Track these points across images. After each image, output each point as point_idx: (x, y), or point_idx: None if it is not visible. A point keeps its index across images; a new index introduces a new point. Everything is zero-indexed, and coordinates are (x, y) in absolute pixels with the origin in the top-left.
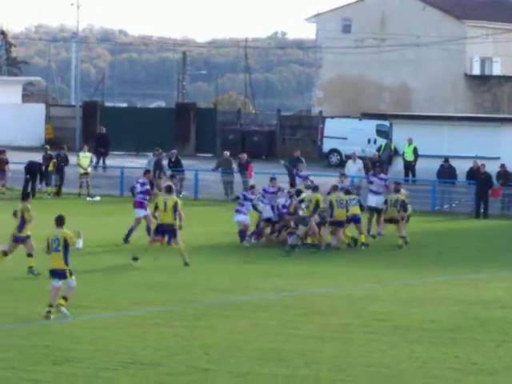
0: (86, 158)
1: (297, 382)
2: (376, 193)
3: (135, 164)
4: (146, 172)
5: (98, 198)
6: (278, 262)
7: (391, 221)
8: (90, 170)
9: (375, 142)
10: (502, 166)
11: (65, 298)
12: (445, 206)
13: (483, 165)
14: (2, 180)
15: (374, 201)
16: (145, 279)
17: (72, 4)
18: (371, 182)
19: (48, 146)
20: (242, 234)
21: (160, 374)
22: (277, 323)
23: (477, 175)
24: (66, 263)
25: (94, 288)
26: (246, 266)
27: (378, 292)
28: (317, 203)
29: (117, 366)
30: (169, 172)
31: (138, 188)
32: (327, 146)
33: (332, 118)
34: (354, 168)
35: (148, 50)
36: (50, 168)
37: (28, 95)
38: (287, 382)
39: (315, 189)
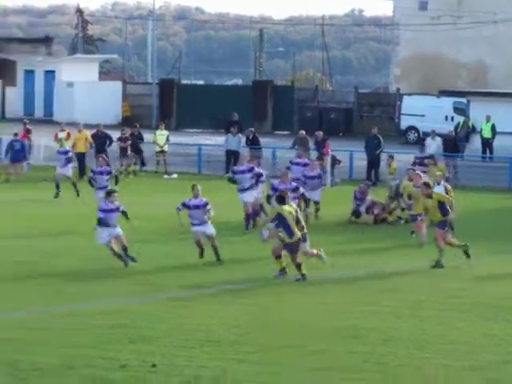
0: (162, 135)
1: (375, 359)
2: None
3: (212, 141)
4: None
5: (175, 176)
6: (351, 240)
7: None
8: (166, 147)
9: (452, 119)
10: None
11: None
12: None
13: None
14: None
15: None
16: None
17: None
18: None
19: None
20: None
21: (236, 351)
22: (352, 300)
23: None
24: None
25: (168, 266)
26: (319, 244)
27: (454, 269)
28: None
29: (193, 344)
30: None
31: None
32: (405, 123)
33: (409, 95)
34: (433, 145)
35: (224, 28)
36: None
37: (105, 73)
38: (365, 359)
39: None
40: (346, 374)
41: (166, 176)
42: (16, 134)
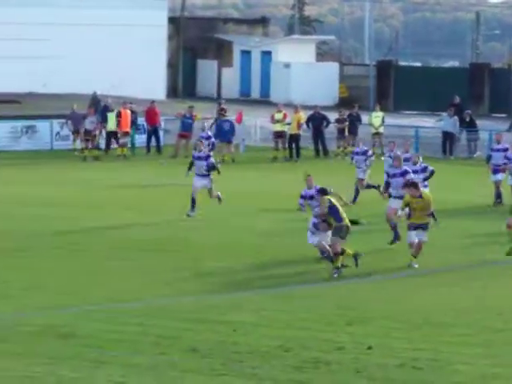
0: (377, 117)
1: None
2: None
3: (429, 124)
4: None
5: None
6: None
7: None
8: (381, 129)
9: None
10: None
11: None
12: None
13: None
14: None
15: None
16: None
17: None
18: None
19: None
20: None
21: (453, 334)
22: None
23: None
24: None
25: (377, 248)
26: None
27: None
28: None
29: (409, 326)
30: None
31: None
32: None
33: None
34: None
35: (442, 10)
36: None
37: (321, 54)
38: None
39: None
40: None
41: (383, 158)
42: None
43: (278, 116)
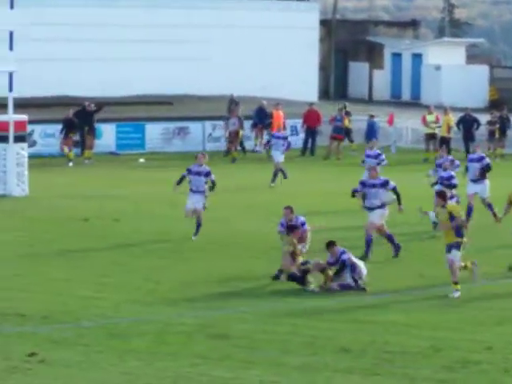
0: None
1: None
2: None
3: None
4: None
5: None
6: None
7: None
8: None
9: None
10: None
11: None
12: None
13: None
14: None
15: None
16: None
17: None
18: None
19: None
20: None
21: None
22: None
23: None
24: None
25: None
26: None
27: None
28: None
29: None
30: None
31: None
32: None
33: None
34: None
35: None
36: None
37: (472, 57)
38: None
39: None
40: None
41: None
42: (372, 116)
43: (430, 118)
